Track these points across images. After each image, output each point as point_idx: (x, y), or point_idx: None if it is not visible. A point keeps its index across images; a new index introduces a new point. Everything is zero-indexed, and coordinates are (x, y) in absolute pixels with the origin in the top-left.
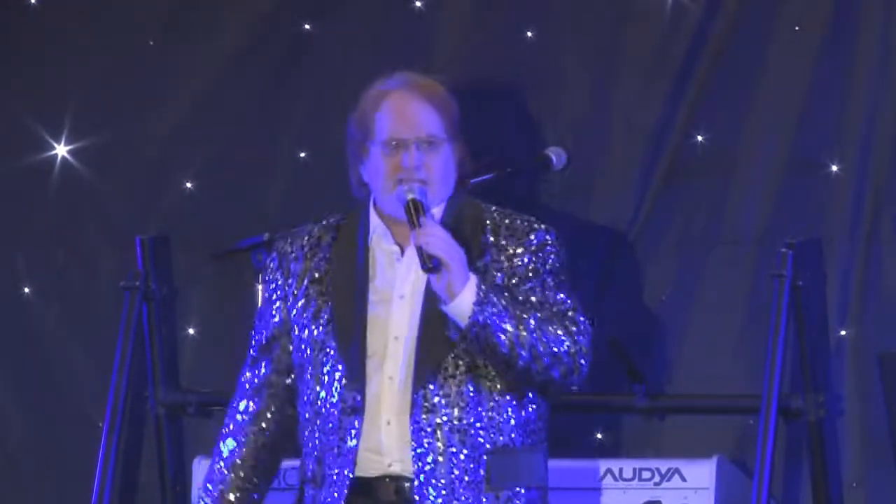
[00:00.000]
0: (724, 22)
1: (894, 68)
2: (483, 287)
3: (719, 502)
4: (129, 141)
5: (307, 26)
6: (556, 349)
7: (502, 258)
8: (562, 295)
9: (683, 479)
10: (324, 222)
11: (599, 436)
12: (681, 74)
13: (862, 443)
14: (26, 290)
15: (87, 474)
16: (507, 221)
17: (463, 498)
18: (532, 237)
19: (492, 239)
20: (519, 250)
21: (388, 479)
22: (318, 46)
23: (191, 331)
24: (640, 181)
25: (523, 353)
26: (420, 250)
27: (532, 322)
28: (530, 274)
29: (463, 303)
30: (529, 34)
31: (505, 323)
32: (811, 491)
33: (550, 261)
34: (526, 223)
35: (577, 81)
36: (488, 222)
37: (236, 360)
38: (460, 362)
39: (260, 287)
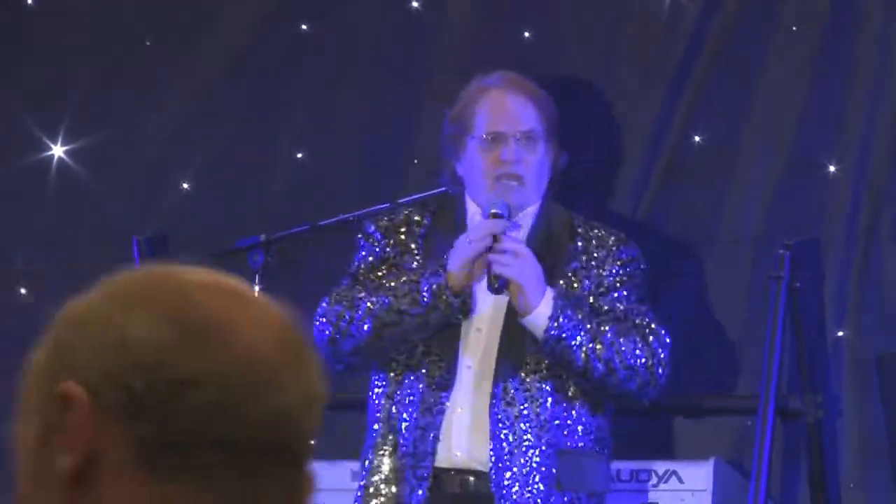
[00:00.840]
0: (723, 22)
1: (893, 68)
2: (561, 301)
3: None
4: (127, 141)
5: (305, 27)
6: (632, 362)
7: (592, 266)
8: (644, 308)
9: (681, 481)
10: (412, 207)
11: None
12: (679, 75)
13: (860, 444)
14: (23, 290)
15: None
16: (597, 232)
17: (536, 491)
18: (622, 250)
19: (581, 246)
20: (608, 261)
21: (452, 472)
22: (316, 47)
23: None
24: (638, 181)
25: (599, 365)
26: (488, 269)
27: (609, 335)
28: (617, 285)
29: (539, 317)
30: (527, 35)
31: (580, 336)
32: (809, 492)
33: (637, 275)
34: (615, 237)
35: (575, 82)
36: (580, 230)
37: None
38: (539, 360)
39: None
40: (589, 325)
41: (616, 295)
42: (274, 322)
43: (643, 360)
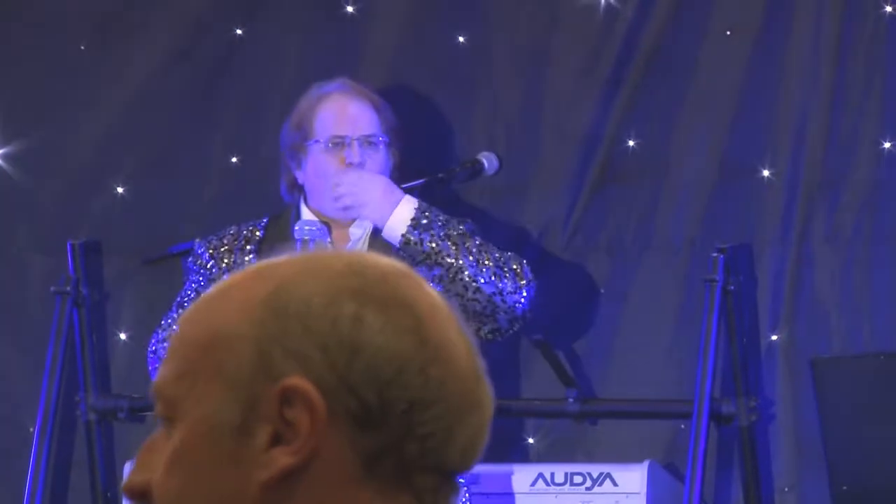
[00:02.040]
0: (656, 26)
1: (825, 73)
2: (423, 207)
3: None
4: (60, 145)
5: (239, 31)
6: (499, 271)
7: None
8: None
9: (615, 484)
10: (249, 224)
11: (531, 440)
12: (612, 79)
13: (794, 447)
14: None
15: (18, 479)
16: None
17: None
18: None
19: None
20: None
21: None
22: (250, 51)
23: (122, 336)
24: (571, 186)
25: (468, 268)
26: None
27: (473, 251)
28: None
29: (395, 224)
30: (461, 39)
31: (444, 242)
32: (743, 496)
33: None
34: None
35: (508, 86)
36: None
37: None
38: None
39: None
40: (454, 232)
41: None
42: (464, 335)
43: (511, 266)
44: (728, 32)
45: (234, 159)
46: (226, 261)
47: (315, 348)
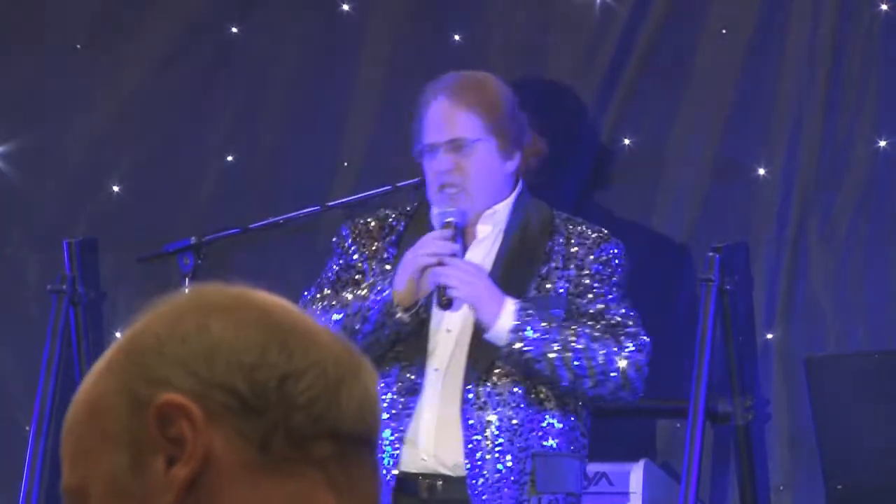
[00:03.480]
0: (652, 25)
1: (821, 71)
2: (523, 312)
3: None
4: (56, 144)
5: (234, 29)
6: (603, 368)
7: (571, 265)
8: (623, 309)
9: (611, 483)
10: (398, 209)
11: None
12: (608, 77)
13: (789, 446)
14: None
15: (15, 478)
16: (578, 229)
17: (508, 496)
18: (602, 248)
19: (560, 243)
20: (587, 259)
21: (420, 478)
22: (246, 49)
23: (118, 334)
24: (567, 184)
25: (566, 374)
26: (438, 288)
27: (580, 341)
28: (596, 284)
29: (499, 331)
30: (457, 37)
31: (545, 346)
32: (738, 494)
33: (618, 273)
34: (597, 233)
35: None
36: (559, 227)
37: None
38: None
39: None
40: (555, 334)
41: (592, 295)
42: (321, 326)
43: (617, 365)
44: (724, 31)
45: (229, 157)
46: (361, 245)
47: (174, 367)
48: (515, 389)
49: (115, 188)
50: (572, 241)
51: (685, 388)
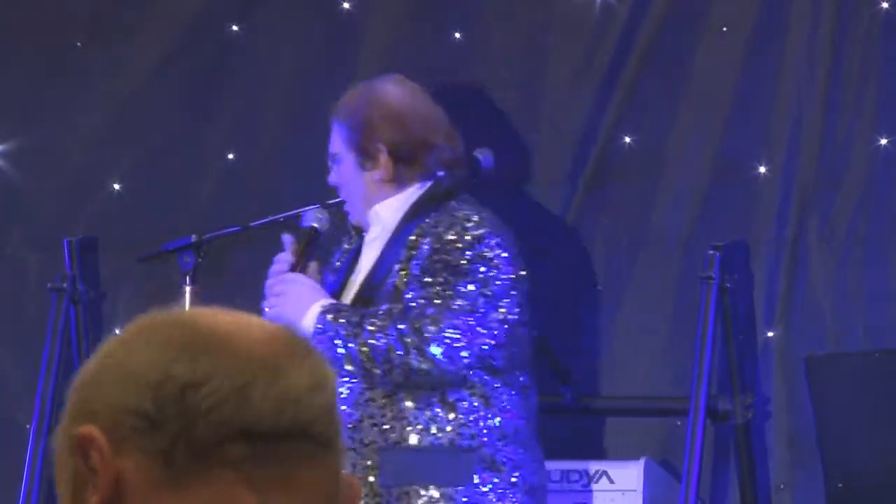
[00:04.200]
0: (652, 23)
1: (821, 70)
2: (324, 315)
3: None
4: (56, 142)
5: (235, 28)
6: (388, 359)
7: (415, 258)
8: (443, 293)
9: (611, 482)
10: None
11: None
12: (608, 76)
13: (789, 445)
14: None
15: (15, 478)
16: (454, 214)
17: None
18: (448, 232)
19: (415, 241)
20: (437, 245)
21: None
22: (246, 48)
23: (118, 333)
24: (567, 183)
25: (370, 366)
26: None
27: (383, 334)
28: (425, 267)
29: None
30: (458, 36)
31: (349, 342)
32: (739, 493)
33: (458, 258)
34: (464, 216)
35: (504, 83)
36: (425, 222)
37: None
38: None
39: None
40: (349, 333)
41: (419, 283)
42: (272, 328)
43: (398, 355)
44: (724, 29)
45: (230, 156)
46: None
47: (98, 400)
48: (354, 386)
49: (116, 187)
50: (429, 231)
51: (685, 387)
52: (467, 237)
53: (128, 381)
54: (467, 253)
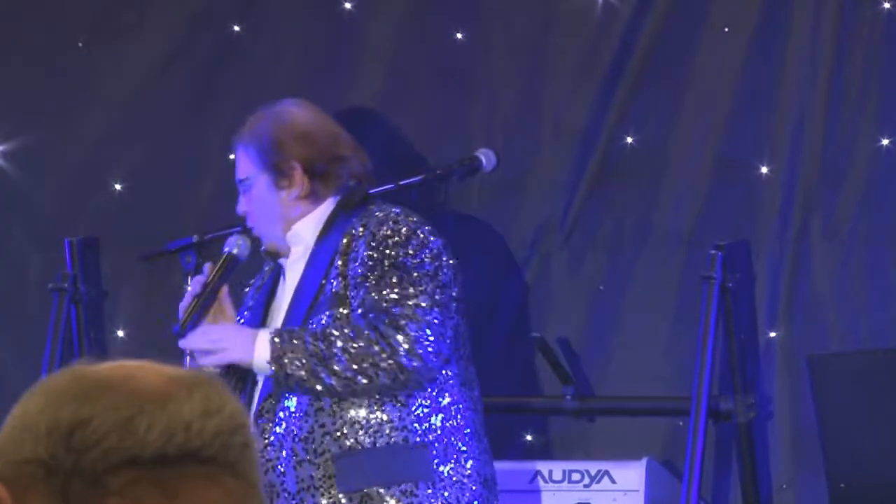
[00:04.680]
0: (654, 23)
1: (823, 69)
2: (278, 340)
3: None
4: (58, 142)
5: (236, 27)
6: (374, 363)
7: (348, 261)
8: (395, 293)
9: (613, 481)
10: None
11: (528, 437)
12: (610, 75)
13: (791, 444)
14: None
15: None
16: (377, 214)
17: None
18: (377, 229)
19: (345, 242)
20: (363, 245)
21: None
22: (248, 48)
23: (120, 333)
24: (569, 182)
25: (335, 382)
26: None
27: (339, 348)
28: (364, 271)
29: (259, 363)
30: (459, 35)
31: (306, 364)
32: (741, 493)
33: (393, 253)
34: (380, 215)
35: (506, 82)
36: (357, 225)
37: (166, 361)
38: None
39: None
40: (315, 349)
41: (365, 284)
42: (168, 370)
43: (383, 357)
44: (726, 29)
45: (231, 156)
46: None
47: (4, 455)
48: (302, 399)
49: (117, 186)
50: (355, 231)
51: (687, 386)
52: (403, 230)
53: (24, 435)
54: (409, 248)
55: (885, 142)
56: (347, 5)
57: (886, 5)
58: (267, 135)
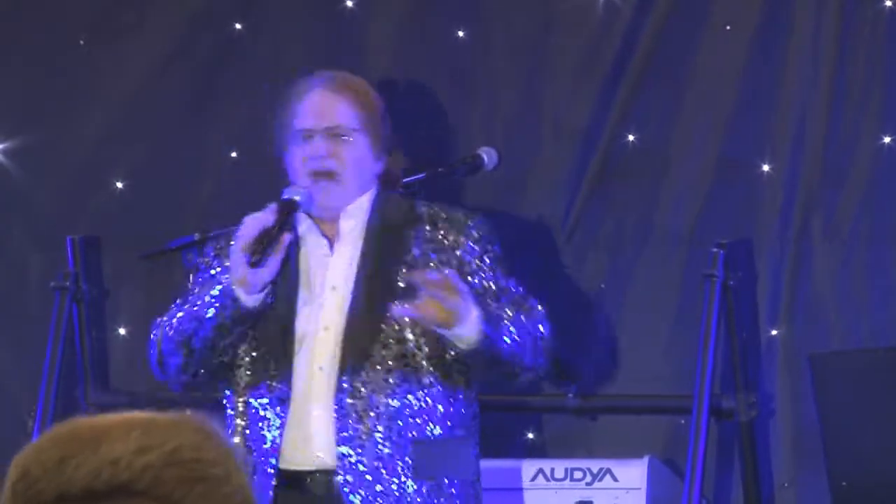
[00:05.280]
0: (656, 21)
1: (825, 68)
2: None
3: (651, 502)
4: (60, 140)
5: (238, 26)
6: (532, 336)
7: (446, 249)
8: (513, 280)
9: (615, 479)
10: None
11: (531, 435)
12: (612, 74)
13: (793, 443)
14: None
15: None
16: (442, 214)
17: (387, 485)
18: (470, 226)
19: (428, 229)
20: (461, 239)
21: (317, 474)
22: (249, 46)
23: (121, 331)
24: (571, 181)
25: (518, 348)
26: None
27: (515, 318)
28: (481, 263)
29: (468, 327)
30: (461, 34)
31: (496, 329)
32: (742, 491)
33: (495, 249)
34: (462, 214)
35: (508, 81)
36: (423, 215)
37: None
38: (386, 351)
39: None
40: (496, 315)
41: (484, 273)
42: (137, 415)
43: (538, 332)
44: (727, 28)
45: (233, 154)
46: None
47: None
48: (391, 377)
49: (119, 185)
50: (438, 224)
51: (689, 385)
52: (475, 232)
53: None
54: (487, 244)
55: (887, 140)
56: (348, 3)
57: (888, 3)
58: (378, 104)
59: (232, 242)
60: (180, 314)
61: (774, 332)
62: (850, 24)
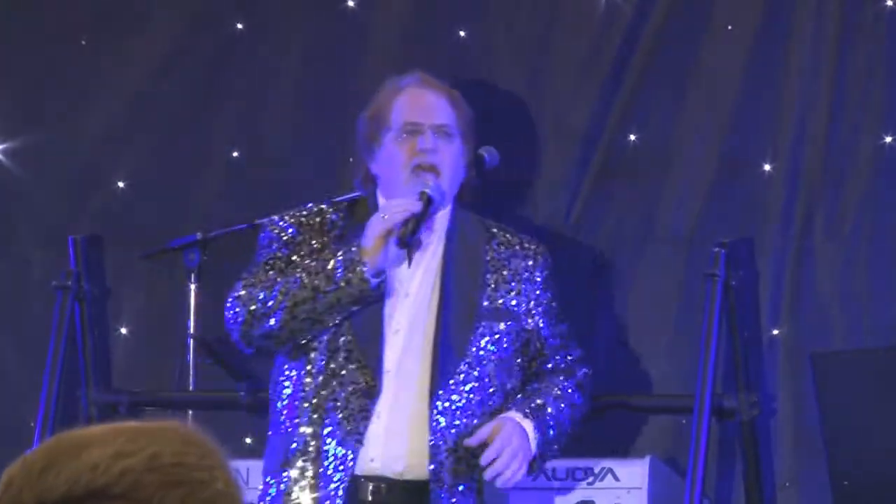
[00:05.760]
0: (657, 21)
1: (826, 67)
2: (542, 439)
3: (652, 502)
4: (62, 140)
5: (239, 25)
6: (571, 416)
7: (520, 279)
8: (563, 326)
9: (616, 479)
10: (333, 204)
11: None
12: (614, 73)
13: (794, 442)
14: None
15: None
16: (515, 239)
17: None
18: (544, 259)
19: (502, 251)
20: (536, 275)
21: (363, 479)
22: (251, 45)
23: (123, 330)
24: (573, 180)
25: (564, 432)
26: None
27: (567, 411)
28: (546, 305)
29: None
30: (462, 34)
31: (555, 439)
32: (744, 491)
33: (553, 285)
34: (535, 245)
35: (510, 80)
36: (496, 234)
37: (168, 359)
38: (471, 372)
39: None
40: (552, 417)
41: (543, 323)
42: (122, 425)
43: (579, 397)
44: (729, 27)
45: (235, 153)
46: (306, 236)
47: None
48: (473, 396)
49: (121, 184)
50: (515, 249)
51: (690, 384)
52: (545, 271)
53: None
54: (551, 281)
55: (888, 139)
56: (350, 3)
57: (889, 3)
58: (471, 113)
59: (318, 218)
60: (287, 280)
61: (776, 332)
62: (850, 23)
